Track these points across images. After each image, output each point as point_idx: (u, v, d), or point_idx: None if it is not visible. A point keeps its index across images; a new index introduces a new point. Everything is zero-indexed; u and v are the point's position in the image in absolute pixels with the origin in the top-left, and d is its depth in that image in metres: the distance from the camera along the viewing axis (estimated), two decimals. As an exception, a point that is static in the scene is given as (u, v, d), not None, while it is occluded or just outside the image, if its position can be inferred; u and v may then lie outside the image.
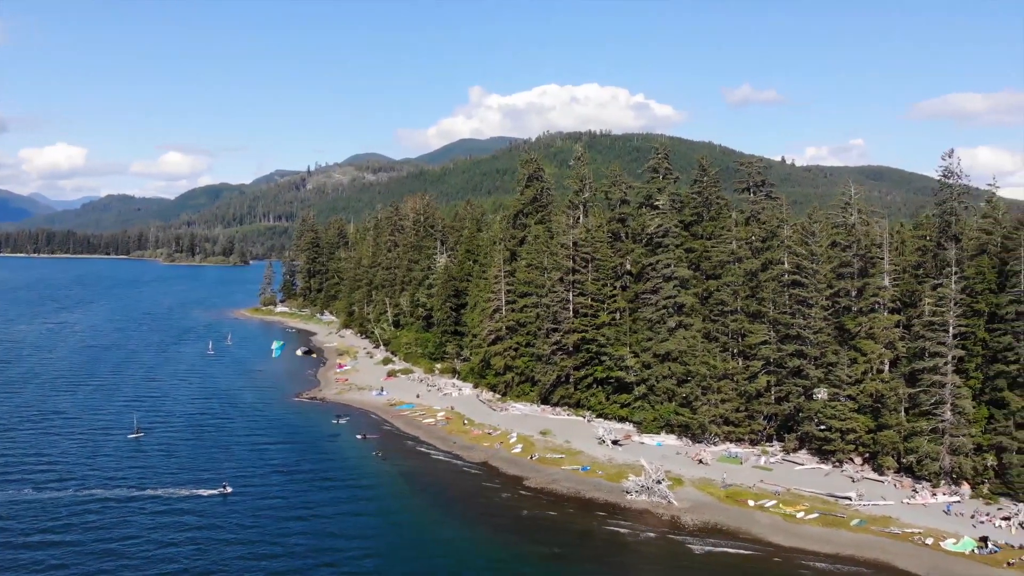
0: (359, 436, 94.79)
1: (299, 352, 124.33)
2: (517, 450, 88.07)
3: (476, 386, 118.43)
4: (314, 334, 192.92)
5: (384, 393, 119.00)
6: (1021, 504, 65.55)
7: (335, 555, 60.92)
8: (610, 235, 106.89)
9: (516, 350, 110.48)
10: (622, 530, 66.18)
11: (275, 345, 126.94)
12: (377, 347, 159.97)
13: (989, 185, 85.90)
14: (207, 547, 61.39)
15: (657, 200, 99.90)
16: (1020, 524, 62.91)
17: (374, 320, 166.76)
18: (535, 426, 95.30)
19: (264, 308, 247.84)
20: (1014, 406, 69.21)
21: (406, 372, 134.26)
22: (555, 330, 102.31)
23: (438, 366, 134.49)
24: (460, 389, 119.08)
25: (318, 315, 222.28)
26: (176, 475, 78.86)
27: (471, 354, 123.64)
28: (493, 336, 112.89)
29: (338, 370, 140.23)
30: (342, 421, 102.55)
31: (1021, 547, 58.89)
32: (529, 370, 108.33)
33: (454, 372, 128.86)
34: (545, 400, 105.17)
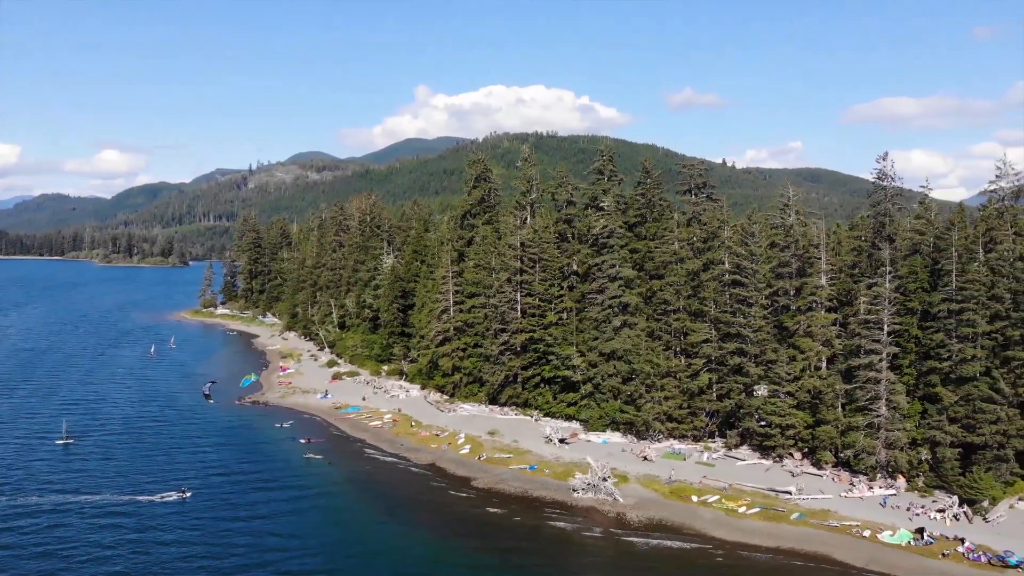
0: (303, 440, 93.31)
1: (204, 390, 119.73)
2: (465, 451, 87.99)
3: (424, 387, 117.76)
4: (256, 336, 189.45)
5: (329, 396, 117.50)
6: (955, 496, 67.88)
7: (278, 554, 60.43)
8: (557, 236, 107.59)
9: (464, 351, 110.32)
10: (569, 528, 66.75)
11: (246, 378, 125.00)
12: (322, 349, 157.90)
13: (922, 187, 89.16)
14: (148, 549, 60.47)
15: (602, 201, 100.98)
16: (954, 516, 65.20)
17: (319, 322, 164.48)
18: (483, 426, 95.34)
19: (205, 310, 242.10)
20: (946, 401, 71.79)
21: (352, 374, 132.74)
22: (503, 330, 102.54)
23: (385, 368, 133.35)
24: (407, 391, 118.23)
25: (260, 317, 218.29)
26: (113, 480, 76.93)
27: (419, 355, 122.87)
28: (441, 337, 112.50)
29: (281, 373, 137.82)
30: (286, 425, 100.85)
31: (955, 538, 60.85)
32: (477, 371, 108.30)
33: (401, 374, 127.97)
34: (493, 400, 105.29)
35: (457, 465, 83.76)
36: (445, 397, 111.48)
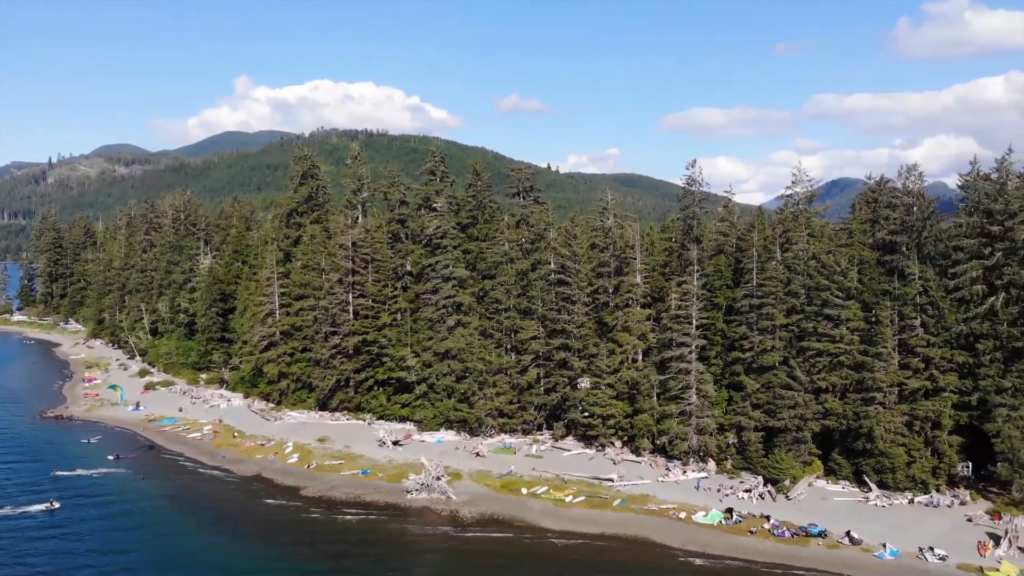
0: (111, 457, 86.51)
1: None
2: (293, 460, 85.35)
3: (247, 396, 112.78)
4: (58, 345, 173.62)
5: (141, 408, 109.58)
6: (759, 477, 74.13)
7: (90, 571, 57.04)
8: (390, 236, 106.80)
9: (291, 356, 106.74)
10: (402, 529, 66.70)
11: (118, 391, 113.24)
12: (132, 358, 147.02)
13: (726, 192, 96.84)
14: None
15: (435, 202, 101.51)
16: (760, 495, 71.15)
17: (128, 328, 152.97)
18: (313, 433, 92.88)
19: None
20: (749, 388, 78.46)
21: (166, 384, 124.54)
22: (334, 333, 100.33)
23: (203, 376, 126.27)
24: (229, 400, 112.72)
25: (62, 324, 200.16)
26: None
27: (241, 362, 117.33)
28: (266, 342, 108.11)
29: (87, 384, 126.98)
30: (93, 440, 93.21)
31: (762, 516, 66.37)
32: (306, 376, 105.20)
33: (222, 382, 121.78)
34: (323, 406, 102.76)
35: (285, 475, 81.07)
36: (271, 405, 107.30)
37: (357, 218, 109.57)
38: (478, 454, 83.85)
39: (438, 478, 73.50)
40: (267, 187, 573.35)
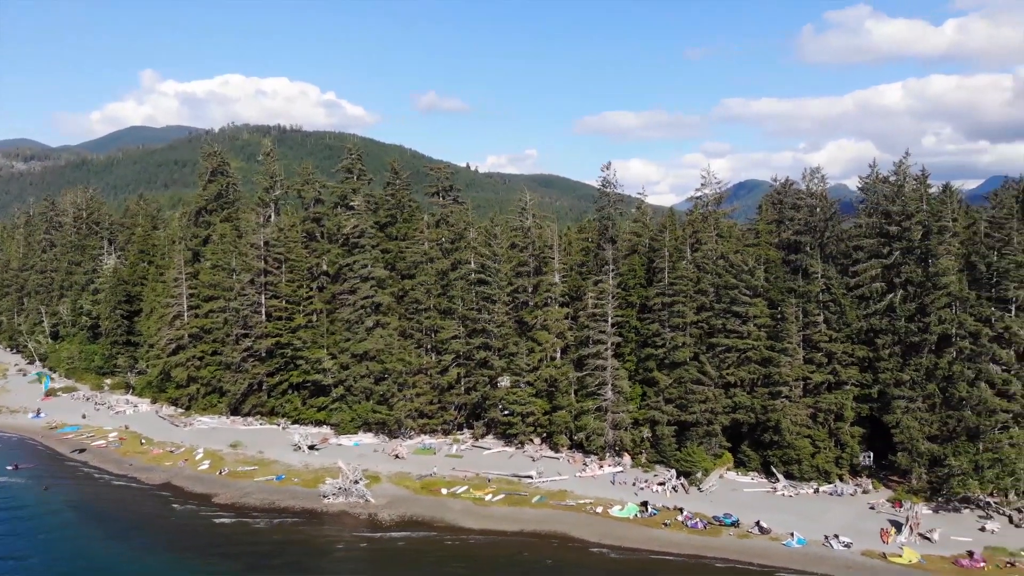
0: (10, 466, 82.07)
1: None
2: (204, 466, 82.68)
3: (155, 401, 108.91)
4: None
5: (42, 415, 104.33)
6: (673, 470, 76.05)
7: None
8: (305, 235, 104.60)
9: (201, 359, 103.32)
10: (319, 534, 65.52)
11: (43, 380, 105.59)
12: (32, 363, 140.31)
13: (639, 194, 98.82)
14: None
15: (352, 201, 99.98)
16: (673, 488, 73.02)
17: (27, 332, 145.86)
18: (225, 439, 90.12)
19: None
20: (662, 384, 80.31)
21: (69, 390, 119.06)
22: (246, 335, 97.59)
23: (108, 381, 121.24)
24: (136, 406, 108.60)
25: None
26: None
27: (148, 366, 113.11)
28: (174, 345, 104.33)
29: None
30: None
31: (675, 508, 68.08)
32: (217, 380, 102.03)
33: (128, 387, 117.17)
34: (235, 411, 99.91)
35: (195, 482, 78.53)
36: (180, 410, 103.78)
37: (270, 217, 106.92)
38: (397, 456, 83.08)
39: (356, 481, 72.46)
40: (175, 184, 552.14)
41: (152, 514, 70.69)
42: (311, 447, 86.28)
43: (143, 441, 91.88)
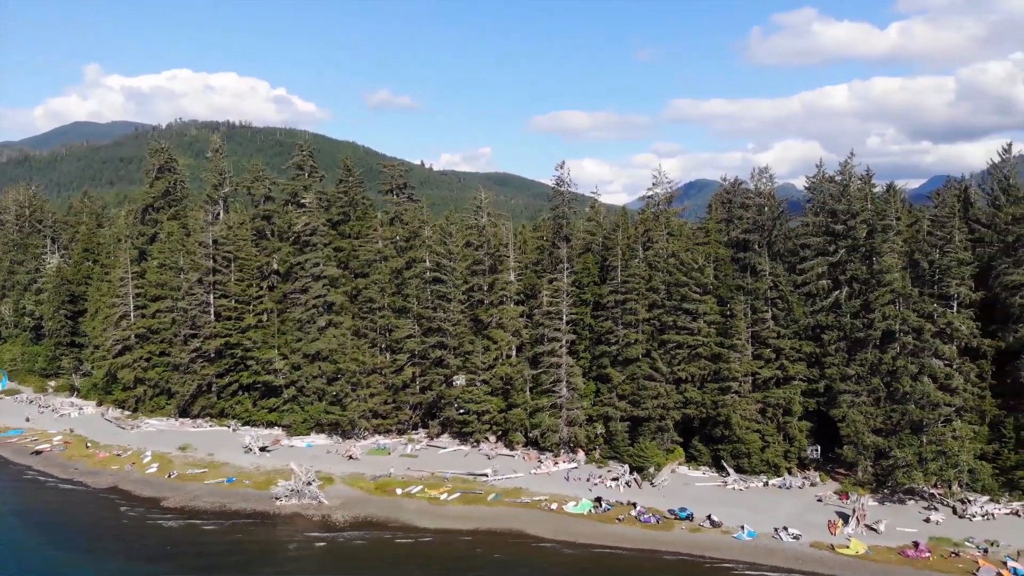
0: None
1: None
2: (152, 469, 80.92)
3: (101, 403, 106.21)
4: None
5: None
6: (626, 465, 76.83)
7: None
8: (255, 233, 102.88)
9: (148, 360, 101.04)
10: (271, 537, 64.67)
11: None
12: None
13: (592, 193, 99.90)
14: None
15: (304, 198, 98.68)
16: (627, 483, 73.73)
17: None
18: (173, 442, 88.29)
19: None
20: (615, 380, 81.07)
21: (11, 393, 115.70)
22: (194, 336, 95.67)
23: (52, 384, 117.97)
24: (81, 408, 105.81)
25: None
26: None
27: (93, 368, 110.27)
28: (120, 346, 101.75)
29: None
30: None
31: (628, 503, 68.77)
32: (164, 381, 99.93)
33: (73, 389, 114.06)
34: (184, 413, 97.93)
35: (144, 486, 76.80)
36: (127, 413, 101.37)
37: (218, 214, 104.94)
38: (351, 457, 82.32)
39: (309, 483, 71.60)
40: (120, 181, 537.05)
41: (99, 519, 69.02)
42: (262, 449, 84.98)
43: (89, 444, 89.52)
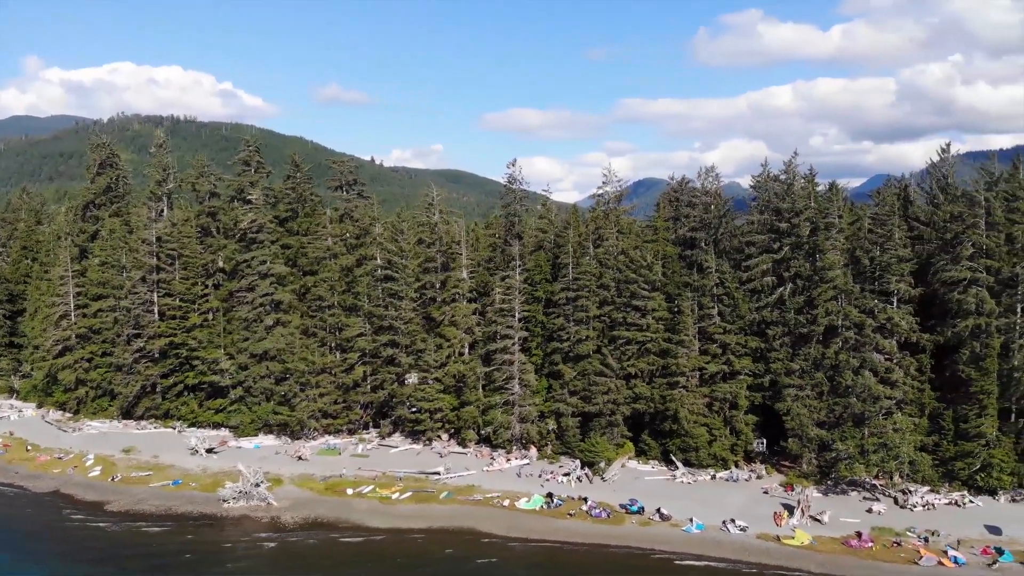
0: None
1: None
2: (96, 473, 78.94)
3: (41, 405, 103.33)
4: None
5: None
6: (577, 460, 77.48)
7: None
8: (199, 230, 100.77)
9: (90, 361, 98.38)
10: (218, 540, 63.48)
11: None
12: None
13: (544, 190, 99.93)
14: None
15: (250, 194, 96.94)
16: (578, 478, 74.33)
17: None
18: (117, 444, 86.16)
19: None
20: (567, 376, 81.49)
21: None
22: (138, 336, 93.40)
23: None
24: (20, 411, 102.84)
25: None
26: None
27: (33, 369, 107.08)
28: (60, 346, 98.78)
29: None
30: None
31: (580, 498, 69.26)
32: (107, 383, 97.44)
33: (11, 391, 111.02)
34: (128, 414, 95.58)
35: (87, 489, 74.91)
36: (68, 415, 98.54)
37: (162, 211, 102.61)
38: (300, 457, 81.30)
39: (257, 484, 70.54)
40: (60, 177, 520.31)
41: (41, 523, 67.25)
42: (209, 450, 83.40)
43: (29, 447, 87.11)
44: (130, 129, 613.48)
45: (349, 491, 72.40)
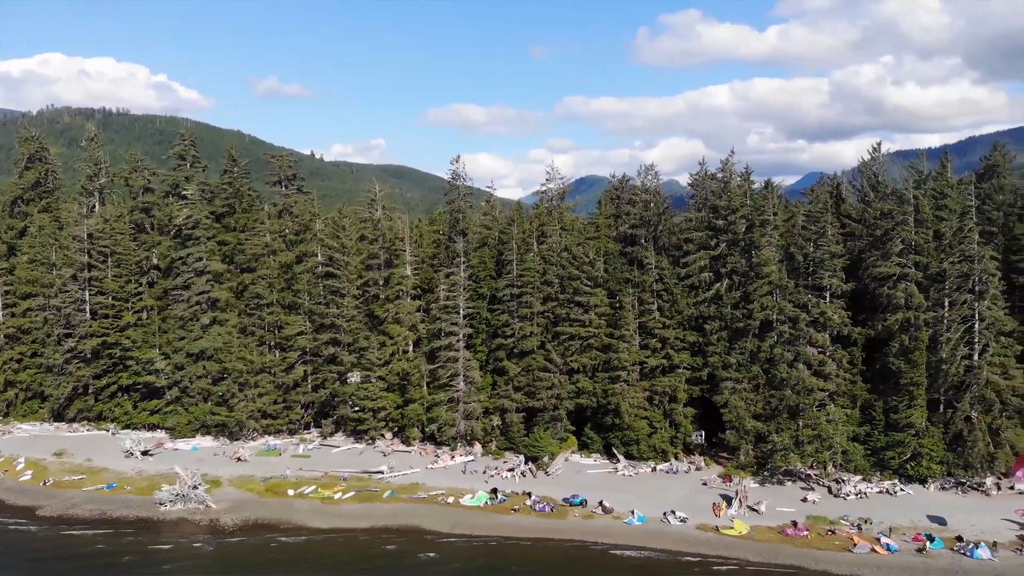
0: None
1: None
2: (26, 477, 76.42)
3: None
4: None
5: None
6: (521, 455, 77.98)
7: None
8: (133, 226, 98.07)
9: (19, 362, 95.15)
10: (155, 544, 61.93)
11: None
12: None
13: (488, 187, 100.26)
14: None
15: (185, 189, 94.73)
16: (522, 473, 74.80)
17: None
18: (48, 447, 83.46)
19: None
20: (511, 373, 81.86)
21: None
22: (69, 335, 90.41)
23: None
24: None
25: None
26: None
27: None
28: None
29: None
30: None
31: (524, 493, 69.65)
32: (37, 384, 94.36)
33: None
34: (59, 416, 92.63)
35: (17, 494, 72.59)
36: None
37: (94, 207, 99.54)
38: (239, 459, 79.86)
39: (195, 487, 69.07)
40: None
41: (-37, 533, 64.39)
42: (144, 453, 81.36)
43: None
44: (60, 122, 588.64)
45: (290, 492, 71.47)
